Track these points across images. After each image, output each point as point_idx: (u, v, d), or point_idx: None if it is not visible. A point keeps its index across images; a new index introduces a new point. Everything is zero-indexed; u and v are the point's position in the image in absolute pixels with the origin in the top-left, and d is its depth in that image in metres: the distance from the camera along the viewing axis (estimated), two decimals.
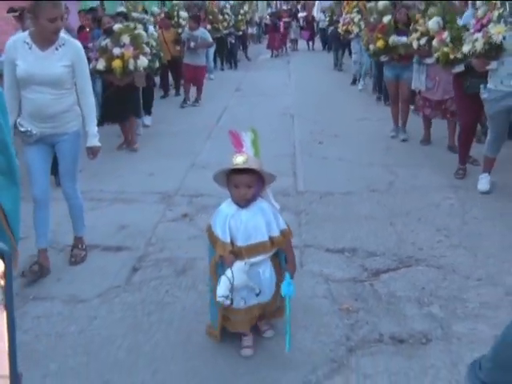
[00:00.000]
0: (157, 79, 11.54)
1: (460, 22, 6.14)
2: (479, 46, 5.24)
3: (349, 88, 13.73)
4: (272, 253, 3.14)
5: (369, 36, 8.54)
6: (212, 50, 15.54)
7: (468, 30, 5.79)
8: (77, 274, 4.31)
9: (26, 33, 4.12)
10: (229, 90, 13.40)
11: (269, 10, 35.25)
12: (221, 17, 17.19)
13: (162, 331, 3.55)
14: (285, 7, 35.28)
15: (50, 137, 4.19)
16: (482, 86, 5.62)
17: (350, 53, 15.40)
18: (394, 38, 7.75)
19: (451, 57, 6.02)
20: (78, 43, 4.24)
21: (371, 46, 8.29)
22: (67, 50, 4.06)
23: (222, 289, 2.95)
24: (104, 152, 4.89)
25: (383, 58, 8.15)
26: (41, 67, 3.94)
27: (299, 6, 34.39)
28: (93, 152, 4.41)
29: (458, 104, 6.55)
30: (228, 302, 2.97)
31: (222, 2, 18.60)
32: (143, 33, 8.00)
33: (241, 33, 20.22)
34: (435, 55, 6.37)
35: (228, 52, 18.84)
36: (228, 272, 2.97)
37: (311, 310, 3.73)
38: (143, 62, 7.63)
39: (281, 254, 3.25)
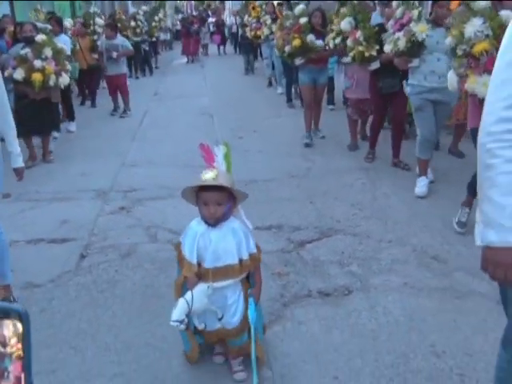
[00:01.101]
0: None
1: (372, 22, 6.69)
2: (402, 44, 5.51)
3: (263, 89, 14.23)
4: (242, 276, 2.95)
5: (284, 38, 8.26)
6: (124, 58, 15.55)
7: (378, 28, 6.36)
8: (28, 265, 4.61)
9: None
10: (147, 95, 13.71)
11: (179, 16, 35.57)
12: (133, 23, 17.09)
13: (117, 304, 3.97)
14: (195, 13, 35.75)
15: None
16: (404, 83, 5.97)
17: (260, 56, 15.87)
18: (311, 37, 7.67)
19: (366, 54, 6.41)
20: None
21: (287, 48, 7.97)
22: None
23: (178, 313, 2.77)
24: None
25: (298, 62, 7.90)
26: None
27: (209, 11, 34.93)
28: (19, 173, 4.12)
29: (373, 101, 6.96)
30: (183, 326, 2.79)
31: (132, 10, 18.64)
32: (65, 47, 7.97)
33: (154, 39, 20.34)
34: (350, 54, 6.71)
35: (142, 59, 18.59)
36: (188, 295, 2.80)
37: None
38: (65, 79, 7.58)
39: (252, 278, 3.06)
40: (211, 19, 28.82)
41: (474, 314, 3.63)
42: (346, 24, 6.90)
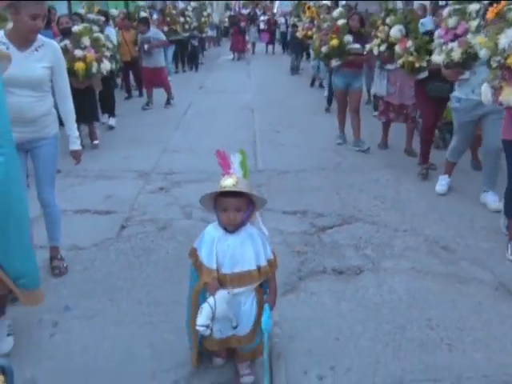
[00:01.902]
0: (118, 81, 12.19)
1: (421, 28, 6.54)
2: (456, 55, 5.25)
3: (306, 89, 14.47)
4: (258, 283, 2.94)
5: (321, 39, 8.16)
6: (171, 52, 15.92)
7: (430, 38, 6.13)
8: (74, 231, 5.11)
9: (1, 32, 3.87)
10: (192, 89, 14.25)
11: (227, 13, 36.11)
12: (182, 19, 17.43)
13: (150, 267, 4.44)
14: (244, 11, 36.20)
15: (28, 143, 4.00)
16: (452, 96, 5.78)
17: (308, 57, 15.98)
18: (348, 38, 7.66)
19: (416, 65, 6.23)
20: (56, 44, 4.12)
21: (324, 48, 7.92)
22: (46, 51, 3.91)
23: (204, 318, 2.76)
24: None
25: (334, 63, 7.87)
26: (21, 69, 3.67)
27: (257, 10, 35.34)
28: (76, 156, 4.35)
29: (421, 106, 6.78)
30: (208, 331, 2.80)
31: (182, 4, 19.10)
32: (101, 35, 7.99)
33: (204, 35, 20.82)
34: (399, 61, 6.50)
35: (189, 54, 19.04)
36: (211, 300, 2.78)
37: None
38: (106, 65, 7.67)
39: (265, 284, 3.04)
40: (263, 17, 29.16)
41: (472, 297, 3.97)
42: (395, 31, 6.80)
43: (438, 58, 5.59)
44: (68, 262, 4.48)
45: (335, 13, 8.32)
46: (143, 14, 13.42)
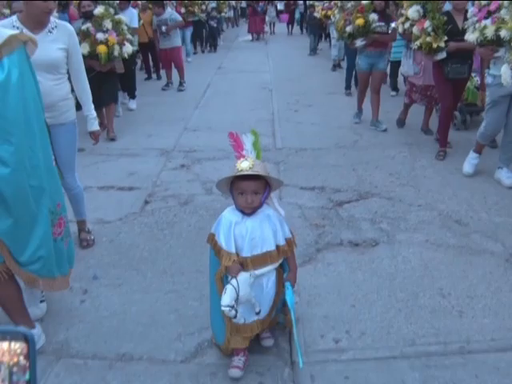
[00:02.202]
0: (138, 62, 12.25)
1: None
2: (490, 33, 5.13)
3: (325, 70, 14.28)
4: (279, 263, 2.97)
5: (346, 19, 8.14)
6: (189, 33, 15.87)
7: (446, 19, 6.11)
8: (99, 206, 5.32)
9: (14, 17, 3.84)
10: (211, 68, 14.40)
11: None
12: (199, 0, 17.38)
13: (174, 239, 4.64)
14: None
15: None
16: (486, 71, 5.72)
17: (327, 37, 15.83)
18: (373, 16, 7.62)
19: (434, 46, 6.14)
20: (70, 26, 4.09)
21: (348, 28, 7.87)
22: (61, 33, 3.88)
23: (228, 298, 2.71)
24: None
25: (359, 43, 7.78)
26: (37, 52, 3.41)
27: None
28: (95, 136, 4.42)
29: (439, 89, 6.70)
30: (233, 312, 2.74)
31: None
32: (124, 18, 7.86)
33: (227, 15, 20.91)
34: (417, 42, 6.43)
35: (208, 35, 19.14)
36: (233, 282, 2.75)
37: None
38: (128, 48, 7.53)
39: (284, 263, 3.06)
40: None
41: (483, 267, 4.11)
42: (413, 12, 6.81)
43: (471, 36, 5.47)
44: (94, 234, 4.69)
45: None
46: None
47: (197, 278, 3.95)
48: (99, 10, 7.41)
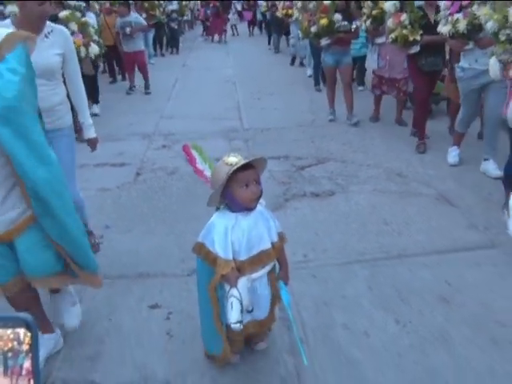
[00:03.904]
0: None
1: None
2: (462, 26, 5.35)
3: (284, 65, 15.21)
4: (274, 261, 2.89)
5: (309, 19, 8.34)
6: (151, 36, 16.42)
7: (423, 13, 6.34)
8: (98, 178, 6.20)
9: (7, 21, 3.69)
10: (176, 67, 15.30)
11: None
12: (157, 2, 17.42)
13: (167, 199, 5.60)
14: None
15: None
16: (456, 66, 5.91)
17: (287, 35, 16.14)
18: (337, 16, 7.81)
19: (410, 39, 6.31)
20: (66, 30, 3.95)
21: (313, 28, 8.05)
22: (57, 38, 3.76)
23: (236, 314, 2.61)
24: None
25: (324, 42, 8.01)
26: (33, 57, 3.26)
27: None
28: (92, 143, 4.36)
29: (414, 81, 6.96)
30: (241, 327, 2.65)
31: None
32: (90, 20, 8.05)
33: (185, 18, 21.55)
34: (392, 35, 6.54)
35: (169, 37, 19.44)
36: (235, 293, 2.63)
37: None
38: (94, 49, 7.66)
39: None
40: None
41: (418, 204, 5.18)
42: (390, 5, 6.79)
43: (444, 28, 5.67)
44: (98, 198, 5.61)
45: None
46: None
47: (191, 224, 4.84)
48: (64, 13, 7.42)
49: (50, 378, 3.04)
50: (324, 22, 7.80)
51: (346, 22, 7.89)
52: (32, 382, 0.99)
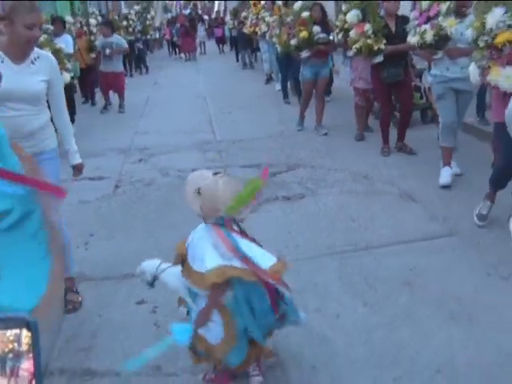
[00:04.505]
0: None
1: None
2: (429, 37, 5.43)
3: (255, 81, 15.47)
4: None
5: (288, 32, 8.53)
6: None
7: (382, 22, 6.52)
8: (77, 192, 6.40)
9: None
10: (147, 85, 15.64)
11: (168, 15, 37.09)
12: (125, 23, 17.95)
13: (145, 208, 5.89)
14: (185, 11, 37.16)
15: None
16: (428, 74, 6.09)
17: (254, 52, 16.52)
18: (316, 29, 7.95)
19: (375, 48, 6.45)
20: (52, 57, 3.89)
21: (293, 41, 8.21)
22: (43, 64, 3.69)
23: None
24: None
25: (305, 54, 8.12)
26: (17, 83, 3.49)
27: (198, 10, 36.46)
28: (78, 169, 4.22)
29: (377, 92, 7.22)
30: None
31: (124, 10, 19.95)
32: (63, 47, 8.01)
33: (149, 37, 21.90)
34: (355, 46, 6.69)
35: (136, 58, 19.39)
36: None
37: None
38: (66, 77, 7.57)
39: None
40: (206, 17, 29.94)
41: (382, 202, 5.55)
42: (352, 16, 6.94)
43: (412, 39, 5.76)
44: (80, 209, 5.87)
45: (296, 6, 8.61)
46: (92, 21, 13.66)
47: (168, 230, 5.15)
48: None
49: (48, 368, 3.30)
50: (304, 34, 7.93)
51: (324, 34, 8.04)
52: (34, 382, 0.98)
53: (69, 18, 12.73)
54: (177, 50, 26.30)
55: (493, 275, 4.02)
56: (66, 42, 9.19)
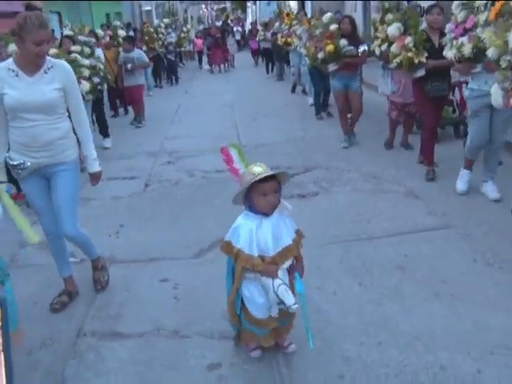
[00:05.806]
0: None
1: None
2: (467, 50, 5.11)
3: (283, 90, 15.86)
4: (295, 255, 3.17)
5: (316, 45, 8.48)
6: (150, 68, 15.91)
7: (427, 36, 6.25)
8: (110, 189, 7.04)
9: (10, 60, 3.80)
10: (178, 94, 16.30)
11: (201, 27, 37.69)
12: (155, 36, 18.25)
13: (172, 203, 6.45)
14: (217, 23, 37.71)
15: (46, 168, 3.88)
16: (466, 88, 5.81)
17: (288, 64, 16.32)
18: (343, 42, 7.93)
19: (416, 61, 6.20)
20: (67, 65, 3.96)
21: (320, 55, 8.18)
22: (57, 73, 3.78)
23: (290, 296, 2.97)
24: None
25: (332, 67, 8.15)
26: (32, 93, 3.65)
27: (230, 21, 37.00)
28: (95, 178, 4.21)
29: (421, 106, 6.81)
30: (297, 306, 2.99)
31: (156, 22, 20.50)
32: (79, 56, 7.98)
33: (183, 49, 22.45)
34: (396, 60, 6.52)
35: (167, 69, 19.63)
36: (277, 281, 2.97)
37: None
38: (85, 86, 7.65)
39: None
40: (237, 28, 30.32)
41: (389, 200, 6.02)
42: (394, 29, 6.76)
43: (449, 53, 5.50)
44: (112, 204, 6.47)
45: (324, 18, 8.65)
46: (122, 32, 13.47)
47: (192, 222, 5.73)
48: (53, 50, 6.92)
49: (82, 331, 3.86)
50: (330, 48, 7.92)
51: (352, 47, 7.96)
52: (2, 356, 1.02)
53: (99, 32, 12.95)
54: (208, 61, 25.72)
55: (479, 261, 4.47)
56: (99, 55, 9.37)
